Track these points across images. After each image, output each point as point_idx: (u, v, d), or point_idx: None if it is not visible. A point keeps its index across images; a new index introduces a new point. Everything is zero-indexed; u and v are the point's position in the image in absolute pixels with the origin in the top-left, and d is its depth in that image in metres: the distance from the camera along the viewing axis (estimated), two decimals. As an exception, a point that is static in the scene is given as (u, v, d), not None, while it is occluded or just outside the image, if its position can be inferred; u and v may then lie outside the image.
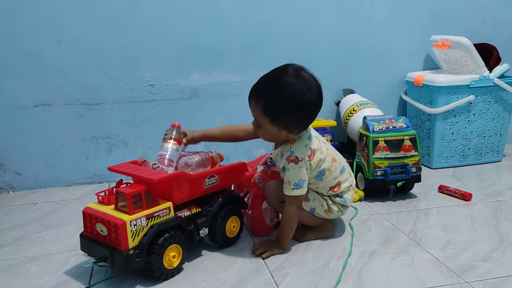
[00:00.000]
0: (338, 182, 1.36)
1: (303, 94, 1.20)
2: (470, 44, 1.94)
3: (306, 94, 1.21)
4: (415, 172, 1.67)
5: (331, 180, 1.35)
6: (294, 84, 1.20)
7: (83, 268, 1.27)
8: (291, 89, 1.20)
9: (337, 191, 1.37)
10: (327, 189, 1.36)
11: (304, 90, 1.20)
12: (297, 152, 1.26)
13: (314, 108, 1.25)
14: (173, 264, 1.20)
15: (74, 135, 1.91)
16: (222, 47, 1.97)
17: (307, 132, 1.30)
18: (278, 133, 1.25)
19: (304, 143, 1.28)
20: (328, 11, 2.05)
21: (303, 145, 1.28)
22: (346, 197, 1.40)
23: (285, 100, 1.20)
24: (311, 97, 1.22)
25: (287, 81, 1.20)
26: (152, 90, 1.95)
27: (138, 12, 1.87)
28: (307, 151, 1.27)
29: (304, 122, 1.27)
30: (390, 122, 1.69)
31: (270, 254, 1.31)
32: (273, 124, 1.23)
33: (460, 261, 1.25)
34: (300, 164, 1.26)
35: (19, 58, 1.81)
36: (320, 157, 1.30)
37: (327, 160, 1.32)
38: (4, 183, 1.90)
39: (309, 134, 1.30)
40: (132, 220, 1.11)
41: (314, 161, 1.29)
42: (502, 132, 2.09)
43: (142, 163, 1.30)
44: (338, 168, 1.36)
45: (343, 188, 1.38)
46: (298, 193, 1.27)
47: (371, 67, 2.16)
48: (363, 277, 1.19)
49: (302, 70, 1.24)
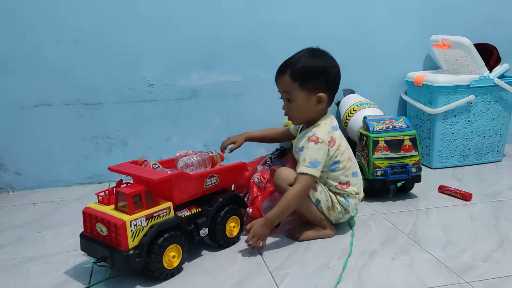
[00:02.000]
0: (348, 181, 1.40)
1: (322, 59, 1.36)
2: (470, 44, 1.94)
3: (325, 59, 1.36)
4: (415, 172, 1.67)
5: (342, 176, 1.39)
6: (312, 53, 1.36)
7: (83, 268, 1.26)
8: (311, 56, 1.36)
9: (345, 189, 1.39)
10: (336, 183, 1.39)
11: (322, 56, 1.37)
12: (320, 135, 1.34)
13: (335, 74, 1.37)
14: (173, 264, 1.19)
15: (74, 135, 1.91)
16: (222, 47, 1.97)
17: (332, 122, 1.39)
18: (308, 101, 1.35)
19: (328, 129, 1.36)
20: (328, 11, 2.05)
21: (326, 131, 1.36)
22: (350, 202, 1.41)
23: (309, 65, 1.34)
24: (330, 62, 1.36)
25: (304, 53, 1.37)
26: (152, 90, 1.95)
27: (138, 12, 1.87)
28: (329, 137, 1.35)
29: (329, 88, 1.36)
30: (390, 122, 1.69)
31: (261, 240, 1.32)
32: (301, 89, 1.34)
33: (460, 261, 1.25)
34: (320, 146, 1.32)
35: (19, 58, 1.81)
36: (338, 148, 1.36)
37: (344, 155, 1.38)
38: (4, 183, 1.90)
39: (334, 125, 1.39)
40: (132, 220, 1.11)
41: (332, 149, 1.35)
42: (502, 132, 2.09)
43: (142, 163, 1.30)
44: (351, 169, 1.41)
45: (351, 189, 1.40)
46: (311, 172, 1.30)
47: (371, 67, 2.16)
48: (363, 277, 1.19)
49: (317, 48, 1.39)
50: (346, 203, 1.40)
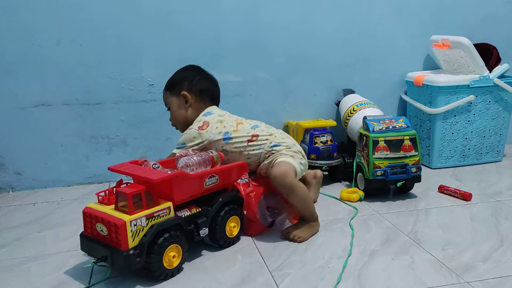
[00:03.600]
0: (252, 135, 1.48)
1: (180, 69, 1.63)
2: (470, 44, 1.94)
3: (183, 68, 1.63)
4: (415, 172, 1.67)
5: (242, 137, 1.47)
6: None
7: (83, 268, 1.27)
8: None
9: (256, 140, 1.47)
10: (244, 144, 1.47)
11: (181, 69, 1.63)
12: (189, 128, 1.51)
13: (191, 72, 1.60)
14: (173, 264, 1.20)
15: (74, 135, 1.91)
16: (222, 47, 1.97)
17: (204, 112, 1.54)
18: (177, 100, 1.56)
19: (199, 118, 1.53)
20: (328, 11, 2.05)
21: (197, 120, 1.53)
22: (264, 145, 1.47)
23: (172, 76, 1.61)
24: (187, 68, 1.63)
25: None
26: (152, 90, 1.95)
27: (138, 12, 1.87)
28: (198, 124, 1.50)
29: (189, 84, 1.56)
30: (390, 122, 1.69)
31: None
32: (172, 93, 1.57)
33: (460, 261, 1.25)
34: (188, 133, 1.50)
35: (19, 58, 1.81)
36: (216, 125, 1.49)
37: (229, 124, 1.50)
38: (4, 183, 1.90)
39: (205, 113, 1.54)
40: (132, 220, 1.11)
41: (208, 129, 1.49)
42: (502, 132, 2.09)
43: (142, 163, 1.30)
44: (247, 127, 1.50)
45: (261, 138, 1.47)
46: (175, 150, 1.47)
47: (371, 67, 2.16)
48: (363, 277, 1.19)
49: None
50: (278, 148, 1.45)
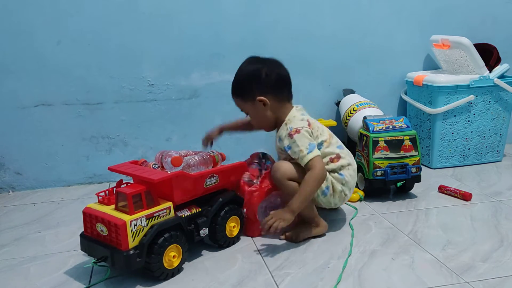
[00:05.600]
0: (337, 154, 1.43)
1: (244, 67, 1.42)
2: (470, 44, 1.94)
3: (247, 66, 1.42)
4: (415, 172, 1.67)
5: (330, 151, 1.42)
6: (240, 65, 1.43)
7: (83, 268, 1.27)
8: (238, 69, 1.43)
9: (337, 163, 1.41)
10: (326, 160, 1.41)
11: (244, 64, 1.42)
12: (296, 125, 1.38)
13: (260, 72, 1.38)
14: (173, 264, 1.20)
15: (74, 135, 1.91)
16: (222, 47, 1.97)
17: (299, 111, 1.44)
18: (254, 106, 1.40)
19: (299, 118, 1.41)
20: (328, 11, 2.05)
21: (298, 119, 1.41)
22: (345, 174, 1.42)
23: (236, 78, 1.43)
24: (252, 66, 1.40)
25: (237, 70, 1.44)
26: (153, 90, 1.95)
27: (138, 12, 1.87)
28: (304, 122, 1.40)
29: (262, 87, 1.38)
30: (390, 122, 1.69)
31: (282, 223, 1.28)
32: (245, 100, 1.41)
33: (460, 261, 1.25)
34: (302, 132, 1.36)
35: (20, 58, 1.81)
36: (316, 128, 1.42)
37: (324, 133, 1.43)
38: (4, 183, 1.90)
39: (301, 113, 1.44)
40: (132, 220, 1.11)
41: (314, 130, 1.40)
42: (502, 132, 2.09)
43: (142, 163, 1.30)
44: (335, 143, 1.45)
45: (342, 162, 1.42)
46: (315, 154, 1.33)
47: (371, 67, 2.16)
48: (363, 277, 1.19)
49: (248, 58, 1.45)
50: (341, 177, 1.42)
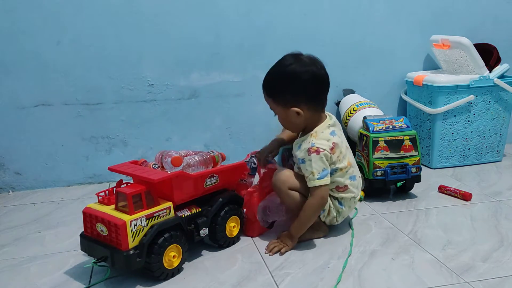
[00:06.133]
0: (346, 185, 1.37)
1: (285, 66, 1.29)
2: (470, 44, 1.94)
3: (289, 66, 1.28)
4: (415, 172, 1.67)
5: (340, 180, 1.36)
6: (279, 61, 1.32)
7: (83, 268, 1.27)
8: (276, 65, 1.32)
9: (341, 192, 1.37)
10: (333, 186, 1.36)
11: (287, 63, 1.29)
12: (319, 144, 1.30)
13: (302, 79, 1.27)
14: (173, 264, 1.20)
15: (74, 135, 1.91)
16: (222, 47, 1.97)
17: (329, 128, 1.35)
18: (286, 112, 1.31)
19: (327, 137, 1.32)
20: (328, 11, 2.05)
21: (325, 138, 1.32)
22: (344, 206, 1.39)
23: (273, 75, 1.31)
24: (295, 68, 1.27)
25: (275, 63, 1.32)
26: (152, 90, 1.95)
27: (138, 12, 1.87)
28: (329, 144, 1.31)
29: (299, 95, 1.29)
30: (390, 122, 1.69)
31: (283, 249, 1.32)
32: (276, 103, 1.31)
33: (460, 261, 1.25)
34: (322, 155, 1.29)
35: (20, 58, 1.80)
36: (338, 154, 1.33)
37: (344, 161, 1.35)
38: (4, 183, 1.90)
39: (331, 131, 1.34)
40: (132, 220, 1.11)
41: (334, 156, 1.32)
42: (502, 132, 2.09)
43: (142, 163, 1.30)
44: (350, 173, 1.38)
45: (347, 194, 1.38)
46: (323, 183, 1.29)
47: (371, 67, 2.16)
48: (363, 277, 1.19)
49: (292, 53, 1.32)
50: (339, 207, 1.39)
